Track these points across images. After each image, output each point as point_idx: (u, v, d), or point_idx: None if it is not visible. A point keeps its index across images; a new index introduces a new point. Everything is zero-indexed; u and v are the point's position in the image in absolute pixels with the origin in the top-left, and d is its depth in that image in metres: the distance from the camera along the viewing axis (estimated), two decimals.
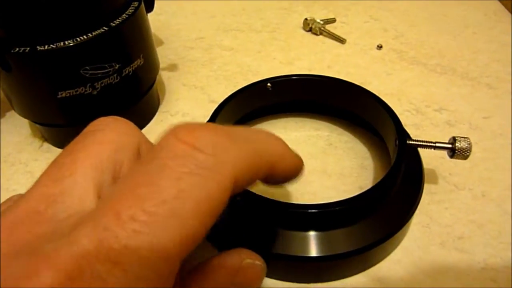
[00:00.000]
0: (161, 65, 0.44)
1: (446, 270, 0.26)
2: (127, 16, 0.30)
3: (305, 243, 0.24)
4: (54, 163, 0.16)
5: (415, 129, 0.35)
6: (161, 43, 0.48)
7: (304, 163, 0.33)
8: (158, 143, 0.14)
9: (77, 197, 0.15)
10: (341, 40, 0.46)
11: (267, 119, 0.37)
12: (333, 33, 0.46)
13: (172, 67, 0.44)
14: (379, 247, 0.25)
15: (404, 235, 0.28)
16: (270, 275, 0.26)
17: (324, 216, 0.24)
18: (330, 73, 0.42)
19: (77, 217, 0.14)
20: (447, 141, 0.28)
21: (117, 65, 0.30)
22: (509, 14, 0.50)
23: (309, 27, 0.48)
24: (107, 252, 0.12)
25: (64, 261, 0.12)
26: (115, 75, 0.31)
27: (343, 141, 0.35)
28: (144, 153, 0.17)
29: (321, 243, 0.24)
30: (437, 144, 0.28)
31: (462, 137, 0.27)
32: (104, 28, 0.29)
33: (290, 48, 0.46)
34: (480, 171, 0.32)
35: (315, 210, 0.24)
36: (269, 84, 0.33)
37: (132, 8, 0.31)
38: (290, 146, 0.34)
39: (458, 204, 0.30)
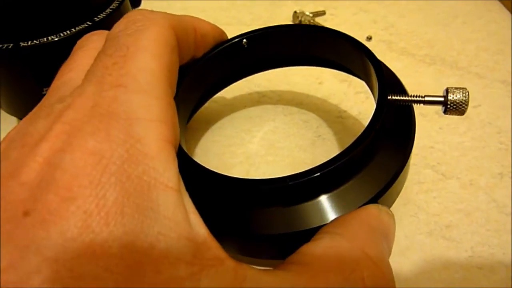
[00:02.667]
0: None
1: (433, 259, 0.26)
2: (111, 10, 0.30)
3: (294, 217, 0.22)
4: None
5: None
6: None
7: (293, 156, 0.33)
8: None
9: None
10: None
11: (252, 109, 0.37)
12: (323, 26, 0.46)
13: None
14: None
15: (391, 202, 0.26)
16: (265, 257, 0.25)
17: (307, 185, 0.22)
18: None
19: None
20: (439, 94, 0.24)
21: None
22: (498, 3, 0.50)
23: (299, 20, 0.47)
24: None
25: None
26: None
27: (332, 132, 0.35)
28: None
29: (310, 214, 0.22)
30: (426, 98, 0.24)
31: (457, 88, 0.23)
32: (88, 23, 0.29)
33: None
34: (468, 160, 0.32)
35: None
36: (244, 40, 0.29)
37: (117, 2, 0.31)
38: (280, 138, 0.34)
39: (446, 193, 0.30)
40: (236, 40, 0.29)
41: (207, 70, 0.28)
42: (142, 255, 0.13)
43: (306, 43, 0.30)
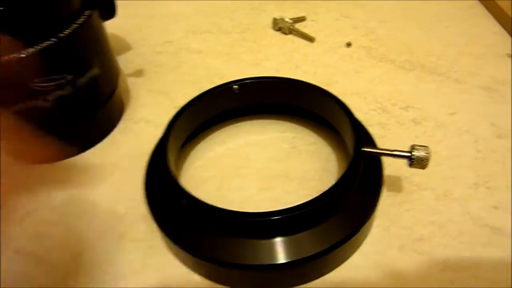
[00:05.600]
0: (127, 71, 0.43)
1: (404, 274, 0.26)
2: (77, 25, 0.30)
3: (272, 250, 0.24)
4: None
5: (380, 128, 0.35)
6: (129, 48, 0.47)
7: (268, 168, 0.33)
8: None
9: None
10: (310, 39, 0.45)
11: (232, 122, 0.36)
12: (302, 32, 0.46)
13: (138, 73, 0.43)
14: (342, 247, 0.25)
15: (363, 238, 0.27)
16: (238, 286, 0.26)
17: (285, 222, 0.24)
18: (297, 73, 0.42)
19: None
20: (406, 150, 0.27)
21: (70, 76, 0.30)
22: (483, 7, 0.49)
23: (278, 26, 0.47)
24: None
25: None
26: (68, 86, 0.30)
27: (307, 143, 0.34)
28: None
29: (287, 249, 0.24)
30: (394, 153, 0.27)
31: (421, 146, 0.26)
32: (53, 39, 0.28)
33: (259, 49, 0.45)
34: (443, 170, 0.31)
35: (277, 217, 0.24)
36: (235, 86, 0.33)
37: (84, 17, 0.31)
38: (256, 150, 0.34)
39: (419, 205, 0.29)
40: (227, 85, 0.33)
41: (199, 109, 0.32)
42: None
43: (292, 95, 0.33)
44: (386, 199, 0.29)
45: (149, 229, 0.29)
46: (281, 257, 0.24)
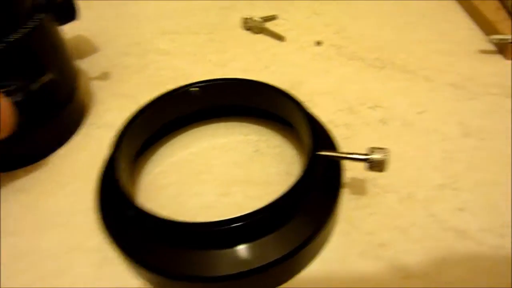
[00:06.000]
0: (93, 74, 0.42)
1: (363, 282, 0.25)
2: (28, 29, 0.29)
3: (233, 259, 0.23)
4: None
5: (346, 129, 0.34)
6: (95, 50, 0.46)
7: (229, 173, 0.32)
8: None
9: None
10: (280, 38, 0.44)
11: (195, 126, 0.35)
12: (272, 31, 0.45)
13: (104, 76, 0.42)
14: (299, 254, 0.24)
15: (322, 243, 0.26)
16: None
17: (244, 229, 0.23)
18: (266, 73, 0.41)
19: None
20: (363, 152, 0.26)
21: (20, 82, 0.29)
22: (455, 2, 0.49)
23: (248, 26, 0.46)
24: None
25: None
26: (19, 92, 0.29)
27: (271, 145, 0.33)
28: None
29: (250, 256, 0.23)
30: (351, 156, 0.26)
31: (379, 148, 0.26)
32: None
33: (227, 49, 0.44)
34: (409, 171, 0.31)
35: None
36: (193, 88, 0.32)
37: (36, 20, 0.30)
38: (218, 153, 0.33)
39: (382, 208, 0.28)
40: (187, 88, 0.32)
41: (158, 112, 0.31)
42: None
43: (253, 97, 0.32)
44: (349, 203, 0.29)
45: (104, 240, 0.28)
46: (239, 266, 0.23)
